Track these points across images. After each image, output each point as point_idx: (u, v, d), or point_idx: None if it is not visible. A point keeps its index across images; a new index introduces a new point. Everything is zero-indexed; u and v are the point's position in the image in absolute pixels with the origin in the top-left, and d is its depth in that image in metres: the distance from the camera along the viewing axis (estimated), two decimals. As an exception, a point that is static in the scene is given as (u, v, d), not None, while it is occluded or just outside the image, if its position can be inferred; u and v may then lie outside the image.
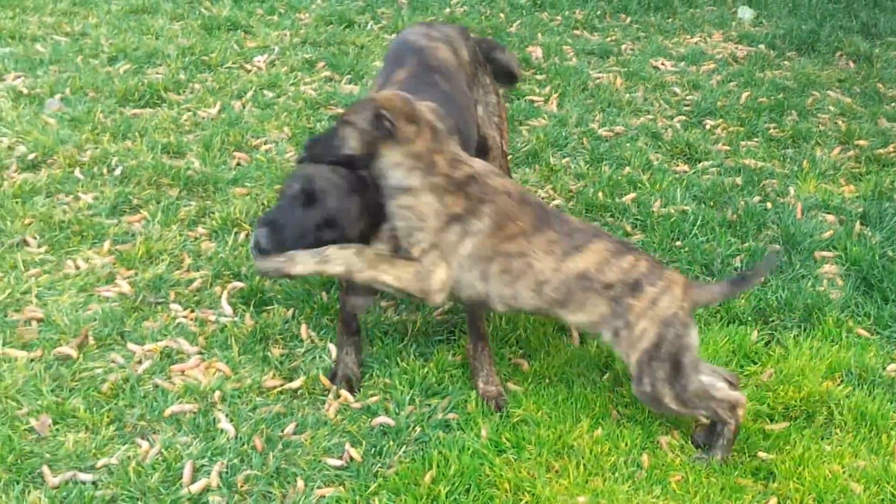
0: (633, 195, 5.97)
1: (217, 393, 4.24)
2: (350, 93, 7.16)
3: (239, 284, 4.93)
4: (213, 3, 8.81)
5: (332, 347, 4.55)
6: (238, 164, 6.09)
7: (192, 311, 4.75)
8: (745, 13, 9.66)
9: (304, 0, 9.09)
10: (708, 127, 7.06)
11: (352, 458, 3.94)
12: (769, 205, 5.97)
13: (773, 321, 4.91)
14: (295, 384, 4.35)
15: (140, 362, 4.41)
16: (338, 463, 3.93)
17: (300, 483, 3.80)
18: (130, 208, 5.52)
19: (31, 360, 4.36)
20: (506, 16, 9.17)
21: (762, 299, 5.01)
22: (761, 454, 4.05)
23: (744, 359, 4.62)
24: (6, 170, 5.80)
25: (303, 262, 3.85)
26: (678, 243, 5.51)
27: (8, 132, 6.20)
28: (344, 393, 4.28)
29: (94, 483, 3.75)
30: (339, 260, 3.84)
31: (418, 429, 4.11)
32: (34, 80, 7.02)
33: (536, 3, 9.60)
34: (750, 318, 4.90)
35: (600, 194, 5.97)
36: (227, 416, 4.13)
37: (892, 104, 7.62)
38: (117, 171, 5.82)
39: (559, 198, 5.95)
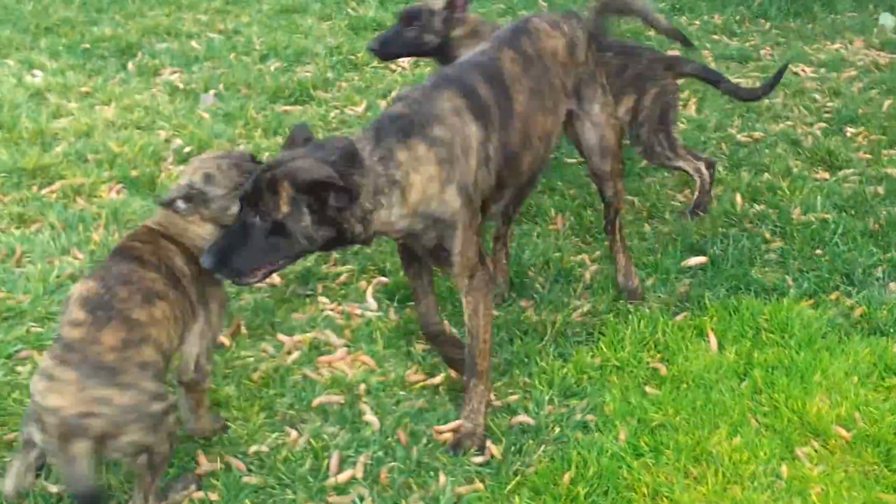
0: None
1: (362, 385, 4.28)
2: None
3: (384, 280, 4.97)
4: (359, 4, 8.90)
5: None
6: (383, 162, 6.12)
7: (339, 305, 4.81)
8: (888, 20, 9.38)
9: (445, 2, 9.10)
10: (849, 135, 6.88)
11: (492, 456, 3.93)
12: (913, 215, 5.79)
13: (915, 333, 4.77)
14: (436, 380, 4.36)
15: (289, 353, 4.47)
16: (479, 459, 3.92)
17: (442, 478, 3.80)
18: (281, 202, 5.59)
19: (188, 348, 4.46)
20: (644, 19, 9.04)
21: (904, 311, 4.87)
22: (904, 469, 3.94)
23: (885, 371, 4.48)
24: (164, 161, 5.95)
25: None
26: (818, 251, 5.38)
27: (165, 125, 6.36)
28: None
29: (247, 469, 3.81)
30: None
31: (557, 429, 4.08)
32: (189, 76, 7.19)
33: (675, 7, 9.47)
34: (892, 330, 4.75)
35: (738, 199, 5.86)
36: (372, 408, 4.16)
37: None
38: (268, 166, 5.91)
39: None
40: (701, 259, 5.28)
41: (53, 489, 3.60)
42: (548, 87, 4.26)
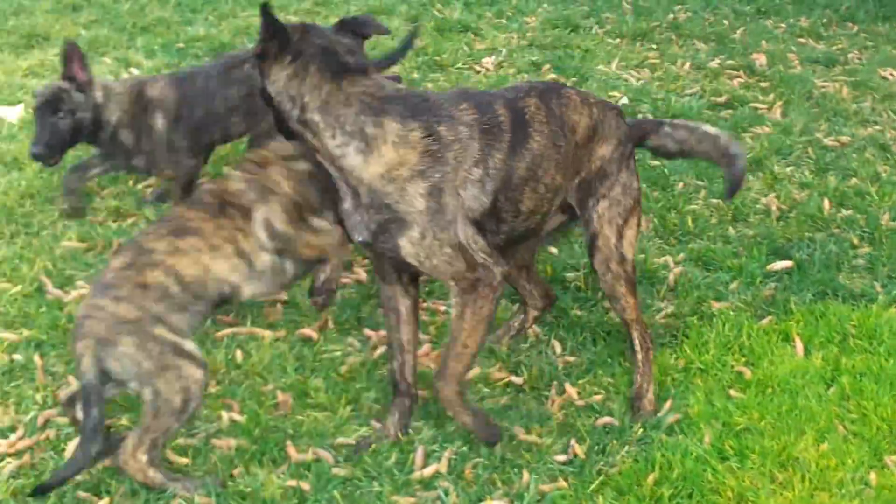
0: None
1: (447, 382, 4.27)
2: (576, 95, 7.10)
3: (468, 278, 4.95)
4: (444, 6, 8.88)
5: (557, 344, 4.53)
6: (468, 162, 6.11)
7: (424, 301, 4.79)
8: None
9: (531, 4, 9.07)
10: (939, 139, 6.73)
11: (576, 455, 3.90)
12: None
13: None
14: (519, 379, 4.33)
15: (375, 348, 4.47)
16: (562, 458, 3.89)
17: (525, 475, 3.78)
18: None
19: (276, 340, 4.49)
20: (730, 22, 8.92)
21: None
22: None
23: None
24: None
25: None
26: (908, 258, 5.27)
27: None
28: (568, 389, 4.25)
29: (335, 461, 3.83)
30: None
31: (641, 430, 4.04)
32: (280, 76, 7.23)
33: (761, 10, 9.32)
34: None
35: (826, 203, 5.75)
36: (456, 404, 4.15)
37: None
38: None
39: (782, 205, 5.77)
40: (787, 263, 5.19)
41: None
42: (563, 148, 3.91)
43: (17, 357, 4.31)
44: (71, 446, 3.78)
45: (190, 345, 3.67)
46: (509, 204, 3.78)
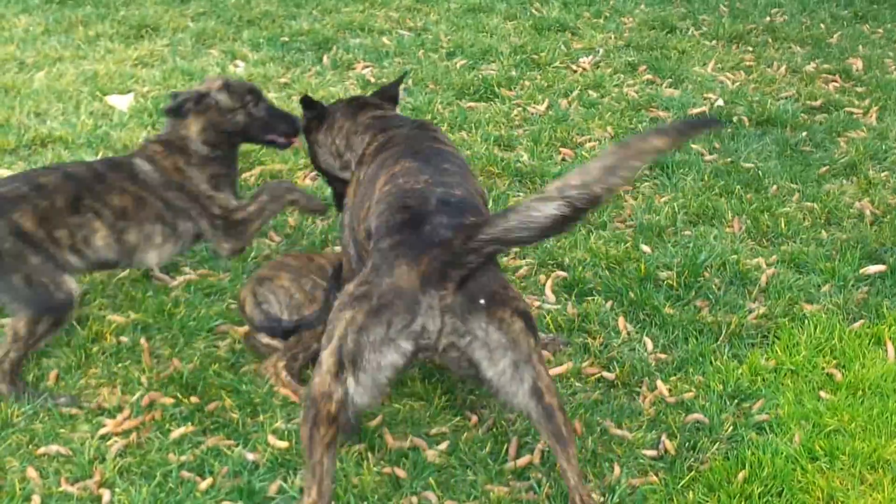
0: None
1: (539, 375, 4.30)
2: (671, 96, 7.08)
3: (562, 274, 4.98)
4: (542, 5, 8.89)
5: (649, 341, 4.54)
6: (563, 160, 6.14)
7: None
8: None
9: (628, 4, 9.05)
10: None
11: (666, 451, 3.92)
12: None
13: None
14: (611, 375, 4.35)
15: (470, 340, 4.52)
16: (652, 453, 3.91)
17: (616, 469, 3.80)
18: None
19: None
20: (826, 27, 8.80)
21: None
22: None
23: None
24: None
25: None
26: None
27: (357, 117, 6.48)
28: (659, 385, 4.26)
29: (428, 448, 3.89)
30: None
31: (731, 428, 4.04)
32: (380, 70, 7.31)
33: (858, 15, 9.18)
34: None
35: (921, 210, 5.68)
36: (548, 397, 4.18)
37: None
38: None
39: (876, 210, 5.70)
40: (880, 267, 5.13)
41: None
42: None
43: (124, 339, 4.42)
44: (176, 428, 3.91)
45: None
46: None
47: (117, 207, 4.23)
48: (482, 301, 3.20)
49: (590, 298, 4.82)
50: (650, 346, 4.53)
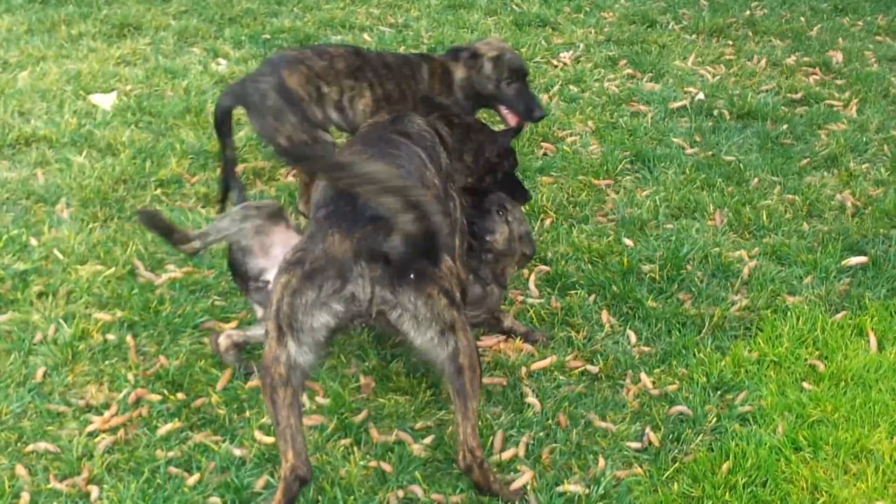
0: None
1: (524, 369, 4.31)
2: (651, 91, 7.09)
3: (545, 268, 4.99)
4: (523, 0, 8.90)
5: (632, 334, 4.55)
6: (545, 154, 6.15)
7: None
8: None
9: (608, -1, 9.08)
10: None
11: (650, 442, 3.93)
12: None
13: None
14: (594, 368, 4.36)
15: (455, 335, 4.52)
16: (636, 445, 3.92)
17: (601, 461, 3.81)
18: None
19: (360, 326, 4.56)
20: (806, 19, 8.83)
21: None
22: None
23: None
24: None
25: None
26: (984, 257, 5.20)
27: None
28: (643, 378, 4.28)
29: (413, 442, 3.89)
30: None
31: (714, 419, 4.05)
32: (363, 67, 7.30)
33: (837, 8, 9.21)
34: None
35: (901, 201, 5.70)
36: (533, 391, 4.19)
37: None
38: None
39: (857, 202, 5.72)
40: (861, 259, 5.15)
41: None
42: None
43: (111, 337, 4.41)
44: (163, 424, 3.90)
45: None
46: None
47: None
48: (412, 276, 3.32)
49: (573, 292, 4.82)
50: (633, 338, 4.54)
